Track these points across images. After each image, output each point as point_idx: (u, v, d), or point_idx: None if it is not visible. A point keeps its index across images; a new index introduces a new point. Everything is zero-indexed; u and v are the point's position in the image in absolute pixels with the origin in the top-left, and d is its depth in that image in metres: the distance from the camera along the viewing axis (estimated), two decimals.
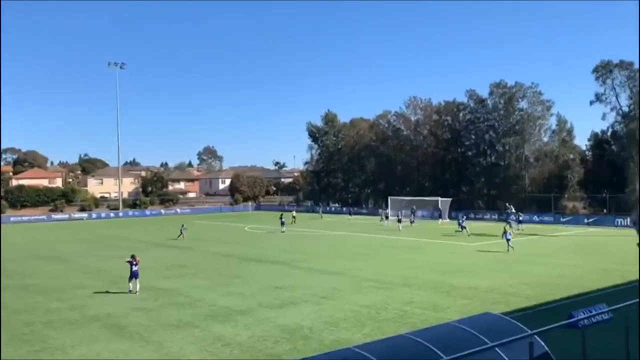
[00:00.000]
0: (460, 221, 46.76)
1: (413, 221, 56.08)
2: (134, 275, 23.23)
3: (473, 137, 75.90)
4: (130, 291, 23.11)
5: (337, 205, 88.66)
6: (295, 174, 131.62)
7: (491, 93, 72.64)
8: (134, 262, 23.33)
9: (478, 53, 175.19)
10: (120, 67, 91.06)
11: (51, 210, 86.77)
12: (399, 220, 52.25)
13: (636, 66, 62.03)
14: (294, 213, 66.41)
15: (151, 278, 26.61)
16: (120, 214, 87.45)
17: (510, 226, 35.80)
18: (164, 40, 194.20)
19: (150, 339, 16.39)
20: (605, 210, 58.90)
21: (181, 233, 45.88)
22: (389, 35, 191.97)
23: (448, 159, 78.21)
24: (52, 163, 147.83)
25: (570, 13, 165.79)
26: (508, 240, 34.72)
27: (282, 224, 51.71)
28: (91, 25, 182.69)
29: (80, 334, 17.01)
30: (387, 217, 58.25)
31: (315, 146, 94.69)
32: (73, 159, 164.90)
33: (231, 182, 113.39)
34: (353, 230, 52.35)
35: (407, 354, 9.43)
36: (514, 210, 57.14)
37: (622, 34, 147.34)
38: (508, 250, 34.09)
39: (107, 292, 23.62)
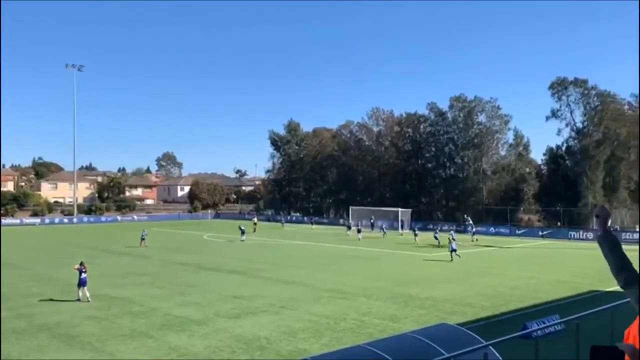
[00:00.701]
0: (436, 234, 47.30)
1: (385, 233, 56.24)
2: (82, 283, 22.61)
3: (433, 149, 77.12)
4: (79, 299, 22.46)
5: (298, 214, 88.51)
6: (257, 182, 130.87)
7: (451, 106, 73.98)
8: (83, 270, 22.73)
9: (439, 66, 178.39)
10: (79, 69, 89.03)
11: (2, 215, 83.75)
12: (359, 231, 53.00)
13: (590, 84, 64.28)
14: (255, 220, 65.95)
15: (105, 286, 25.94)
16: (75, 219, 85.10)
17: (454, 238, 38.08)
18: (124, 43, 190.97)
19: (102, 349, 15.93)
20: (559, 223, 60.53)
21: (142, 239, 44.84)
22: (352, 45, 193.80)
23: (409, 170, 79.16)
24: (4, 166, 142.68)
25: (528, 30, 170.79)
26: (454, 250, 35.92)
27: (242, 232, 51.17)
28: (49, 26, 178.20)
29: (27, 344, 16.39)
30: (349, 228, 58.52)
31: (277, 155, 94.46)
32: (26, 162, 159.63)
33: (190, 189, 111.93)
34: (314, 239, 52.28)
35: None
36: (471, 222, 58.27)
37: (578, 53, 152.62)
38: (452, 259, 35.29)
39: (58, 300, 22.86)
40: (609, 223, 2.91)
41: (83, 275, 22.68)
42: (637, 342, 2.71)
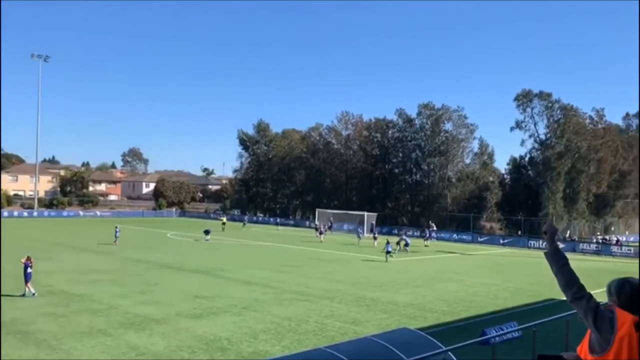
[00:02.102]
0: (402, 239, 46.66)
1: (360, 238, 53.62)
2: (27, 278, 22.16)
3: (400, 154, 77.88)
4: (34, 294, 21.98)
5: (263, 215, 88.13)
6: (224, 181, 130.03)
7: (419, 113, 74.79)
8: (29, 264, 22.29)
9: (408, 73, 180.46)
10: (45, 60, 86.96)
11: None
12: (320, 233, 53.78)
13: (554, 97, 65.91)
14: (224, 220, 65.50)
15: (64, 282, 25.43)
16: (35, 213, 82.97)
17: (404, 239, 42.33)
18: (90, 35, 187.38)
19: (59, 347, 15.59)
20: (519, 232, 61.80)
21: (116, 237, 43.87)
22: (324, 48, 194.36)
23: (376, 174, 79.74)
24: None
25: (497, 42, 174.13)
26: (388, 252, 38.23)
27: (207, 232, 50.58)
28: (14, 14, 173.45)
29: None
30: (317, 229, 58.94)
31: (246, 154, 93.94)
32: None
33: (156, 186, 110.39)
34: (278, 241, 52.16)
35: None
36: (434, 228, 59.12)
37: (543, 64, 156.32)
38: (387, 260, 37.52)
39: (13, 296, 22.25)
40: (567, 236, 3.05)
41: (29, 270, 22.24)
42: (587, 354, 2.82)
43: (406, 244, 45.18)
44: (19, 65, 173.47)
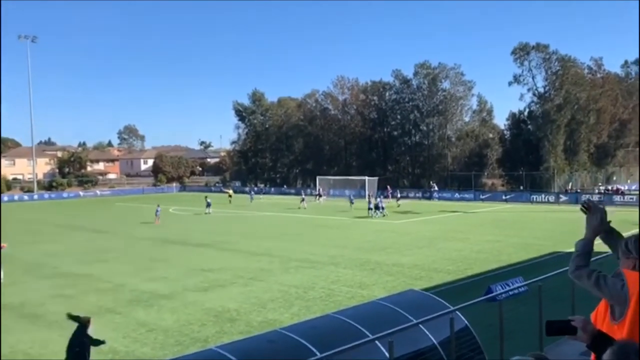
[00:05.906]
0: (379, 201, 45.73)
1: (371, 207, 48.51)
2: None
3: (399, 117, 77.38)
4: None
5: (263, 186, 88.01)
6: (222, 154, 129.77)
7: (416, 73, 74.01)
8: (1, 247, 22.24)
9: (404, 33, 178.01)
10: (32, 41, 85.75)
11: None
12: (302, 200, 54.11)
13: (551, 49, 65.10)
14: (231, 192, 65.43)
15: (70, 264, 25.49)
16: (35, 196, 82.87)
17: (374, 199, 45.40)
18: (79, 13, 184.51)
19: (70, 327, 15.58)
20: (521, 187, 61.86)
21: (157, 215, 43.63)
22: (316, 13, 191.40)
23: (375, 138, 79.42)
24: None
25: None
26: (370, 209, 42.86)
27: (208, 205, 50.61)
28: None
29: None
30: (319, 196, 59.59)
31: (242, 125, 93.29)
32: None
33: (154, 162, 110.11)
34: (279, 210, 52.26)
35: (334, 333, 9.45)
36: (436, 189, 59.20)
37: (539, 16, 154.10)
38: (371, 216, 42.39)
39: (20, 280, 22.34)
40: (569, 188, 2.95)
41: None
42: (605, 319, 2.78)
43: (377, 207, 43.46)
44: (6, 47, 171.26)
